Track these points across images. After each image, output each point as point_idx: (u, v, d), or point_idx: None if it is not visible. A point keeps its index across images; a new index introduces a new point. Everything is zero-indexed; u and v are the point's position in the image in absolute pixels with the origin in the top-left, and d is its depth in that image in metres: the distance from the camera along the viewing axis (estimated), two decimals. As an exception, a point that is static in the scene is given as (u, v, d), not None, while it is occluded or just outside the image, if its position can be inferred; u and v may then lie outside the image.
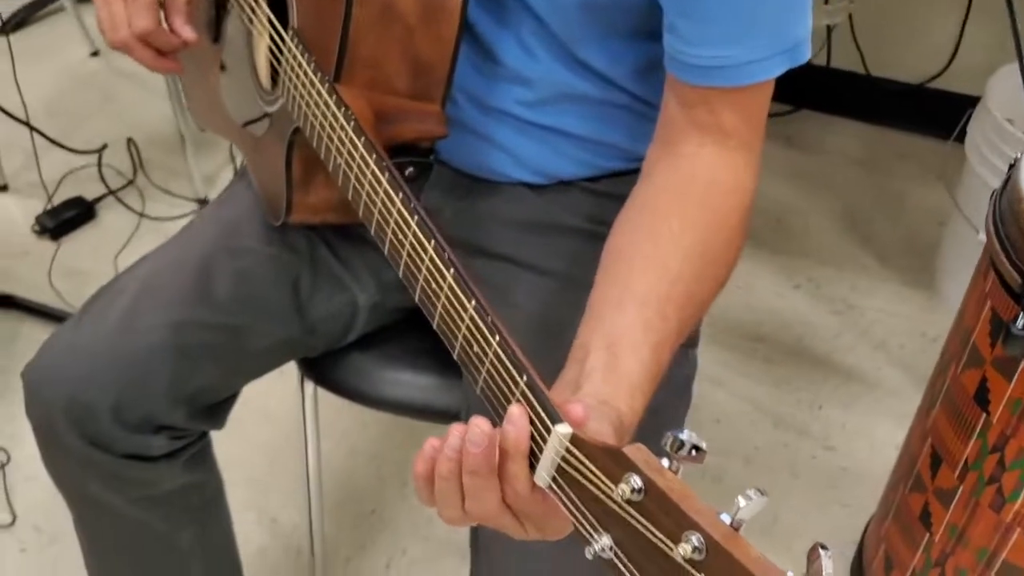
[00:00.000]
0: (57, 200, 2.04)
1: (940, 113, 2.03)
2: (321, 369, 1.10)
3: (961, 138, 1.80)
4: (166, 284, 0.95)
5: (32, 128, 2.01)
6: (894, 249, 1.99)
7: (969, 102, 1.79)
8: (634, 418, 0.63)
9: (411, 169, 0.84)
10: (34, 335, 1.77)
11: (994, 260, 1.00)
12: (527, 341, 0.61)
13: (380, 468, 1.59)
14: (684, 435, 0.50)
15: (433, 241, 0.64)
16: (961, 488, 1.11)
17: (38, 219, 2.00)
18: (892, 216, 2.07)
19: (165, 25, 0.88)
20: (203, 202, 2.07)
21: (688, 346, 0.96)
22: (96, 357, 0.91)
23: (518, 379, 0.57)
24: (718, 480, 1.56)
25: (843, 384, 1.72)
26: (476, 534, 0.90)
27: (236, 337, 0.95)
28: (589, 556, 0.51)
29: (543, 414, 0.55)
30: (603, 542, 0.50)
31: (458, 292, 0.62)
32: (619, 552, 0.50)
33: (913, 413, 1.27)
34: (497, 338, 0.58)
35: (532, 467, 0.56)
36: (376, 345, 1.06)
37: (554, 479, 0.54)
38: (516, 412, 0.56)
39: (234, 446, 1.59)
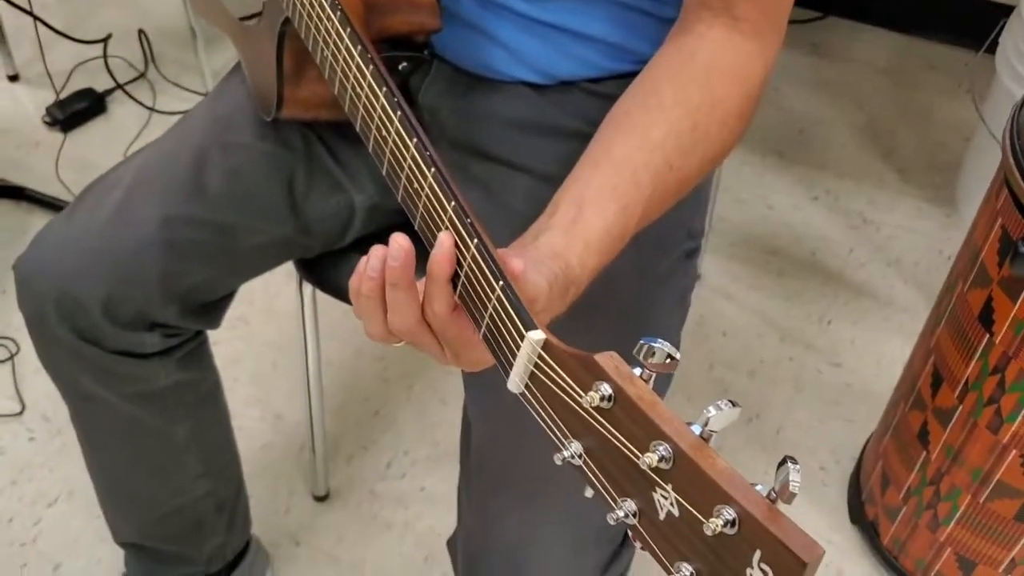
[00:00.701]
0: (68, 91, 2.02)
1: (972, 22, 1.96)
2: (319, 271, 1.10)
3: (992, 49, 1.73)
4: (158, 177, 0.93)
5: (36, 18, 1.98)
6: (916, 164, 1.94)
7: (1003, 11, 1.72)
8: (583, 274, 0.64)
9: (405, 64, 0.82)
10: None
11: (1007, 177, 0.97)
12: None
13: (385, 369, 1.60)
14: (657, 343, 0.49)
15: (415, 139, 0.62)
16: (960, 408, 1.10)
17: (48, 110, 1.98)
18: (916, 129, 2.01)
19: None
20: (214, 97, 2.04)
21: (688, 256, 0.94)
22: (87, 251, 0.91)
23: (494, 284, 0.56)
24: (723, 393, 1.56)
25: (854, 300, 1.70)
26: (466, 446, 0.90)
27: (228, 235, 0.94)
28: (558, 462, 0.51)
29: (517, 320, 0.54)
30: (572, 449, 0.50)
31: (438, 192, 0.60)
32: (588, 459, 0.49)
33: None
34: (475, 241, 0.57)
35: (477, 323, 0.59)
36: (369, 243, 1.04)
37: (527, 386, 0.54)
38: (443, 237, 0.58)
39: (240, 343, 1.61)
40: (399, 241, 0.59)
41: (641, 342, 0.49)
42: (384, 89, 0.65)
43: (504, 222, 0.89)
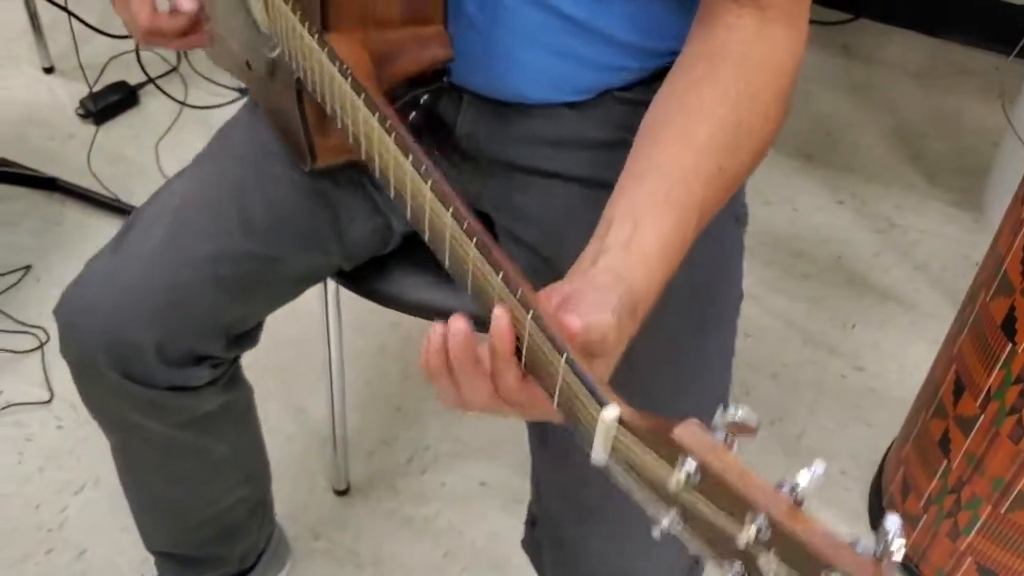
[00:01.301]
0: (101, 84, 2.04)
1: (1004, 26, 1.94)
2: (350, 273, 1.11)
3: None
4: (203, 212, 0.92)
5: (70, 13, 2.00)
6: (944, 168, 1.93)
7: (1036, 16, 1.70)
8: (650, 289, 0.63)
9: (426, 97, 0.81)
10: (76, 219, 1.80)
11: (1034, 186, 0.96)
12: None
13: (407, 366, 1.61)
14: (740, 410, 0.48)
15: (451, 208, 0.61)
16: (982, 417, 1.09)
17: (82, 102, 2.01)
18: (946, 134, 2.00)
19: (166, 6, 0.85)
20: (244, 92, 2.06)
21: (738, 223, 0.93)
22: (136, 292, 0.88)
23: (558, 358, 0.54)
24: (745, 394, 1.56)
25: (879, 304, 1.69)
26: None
27: (274, 265, 0.93)
28: (656, 535, 0.49)
29: (589, 397, 0.53)
30: (668, 520, 0.49)
31: (485, 264, 0.58)
32: (686, 528, 0.48)
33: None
34: (530, 314, 0.55)
35: (520, 358, 0.57)
36: (403, 249, 1.05)
37: (611, 457, 0.53)
38: (498, 313, 0.56)
39: (264, 338, 1.62)
40: (457, 324, 0.58)
41: (720, 408, 0.48)
42: (411, 157, 0.63)
43: (549, 229, 0.88)
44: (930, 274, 1.74)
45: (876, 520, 1.38)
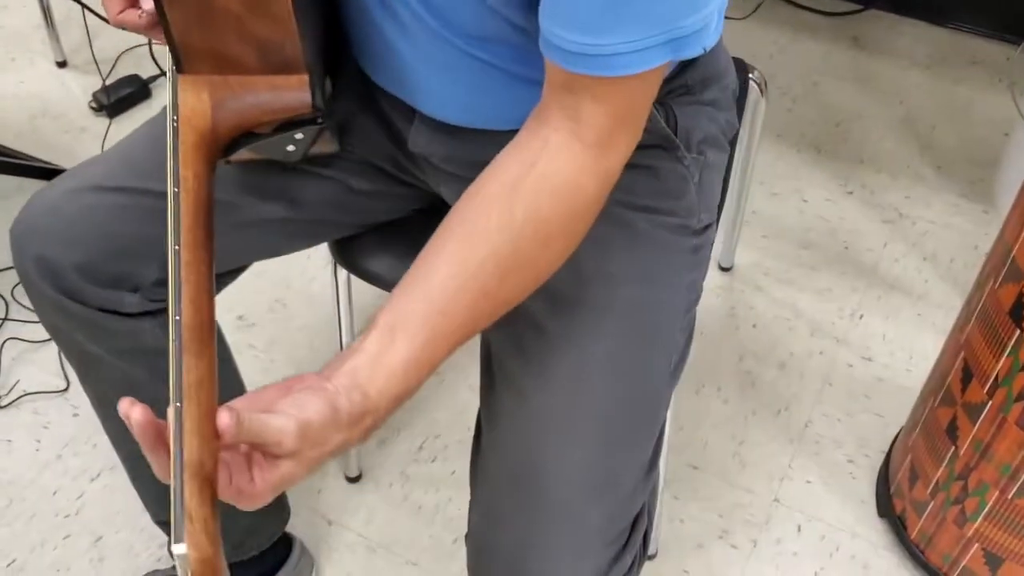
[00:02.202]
0: (114, 78, 2.06)
1: (1014, 16, 1.94)
2: (353, 256, 1.12)
3: (1034, 44, 1.72)
4: (137, 153, 0.96)
5: (84, 5, 2.02)
6: (954, 159, 1.93)
7: (1046, 6, 1.70)
8: (382, 401, 0.68)
9: (300, 135, 0.83)
10: (89, 210, 1.82)
11: (1041, 174, 0.97)
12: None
13: (418, 355, 1.62)
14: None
15: (178, 299, 0.66)
16: (989, 403, 1.10)
17: (95, 95, 2.03)
18: (956, 124, 2.00)
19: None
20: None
21: (694, 252, 0.93)
22: (63, 217, 0.94)
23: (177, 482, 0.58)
24: (751, 385, 1.57)
25: (887, 294, 1.70)
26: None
27: (226, 209, 0.94)
28: None
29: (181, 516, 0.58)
30: None
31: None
32: None
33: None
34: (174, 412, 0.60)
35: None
36: (402, 234, 1.07)
37: None
38: (127, 410, 0.60)
39: (277, 326, 1.64)
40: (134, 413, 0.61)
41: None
42: (173, 235, 0.69)
43: None
44: (939, 265, 1.74)
45: (883, 508, 1.39)
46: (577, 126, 0.72)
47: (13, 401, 1.54)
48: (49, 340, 1.60)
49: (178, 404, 0.60)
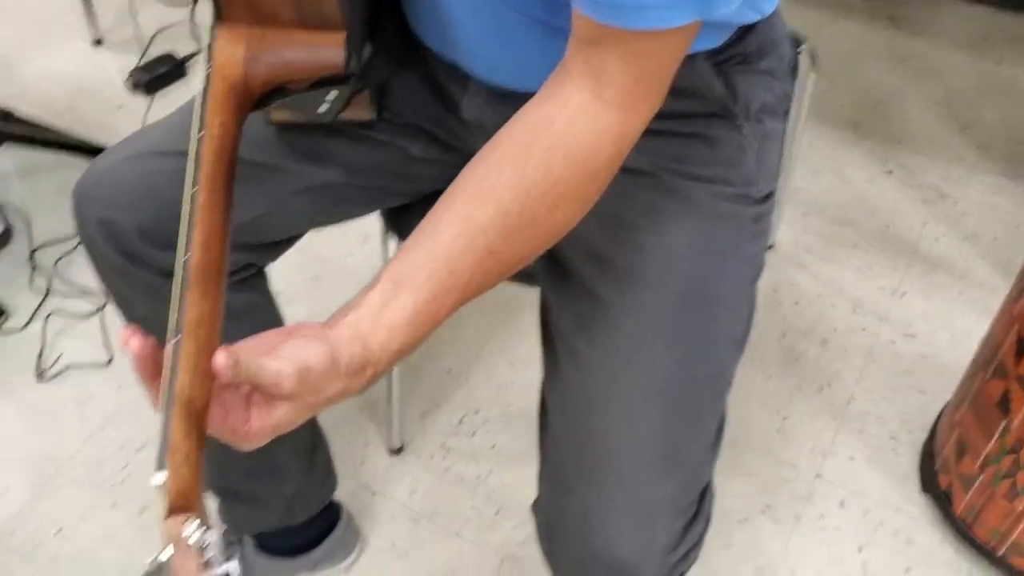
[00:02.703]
0: (149, 57, 2.07)
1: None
2: (403, 227, 1.12)
3: (1079, 21, 1.70)
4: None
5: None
6: (995, 139, 1.91)
7: (1092, -18, 1.69)
8: (384, 355, 0.67)
9: (333, 95, 0.83)
10: (129, 186, 1.83)
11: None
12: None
13: (458, 330, 1.62)
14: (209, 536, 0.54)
15: (191, 235, 0.67)
16: (1044, 375, 1.09)
17: (131, 74, 2.04)
18: (997, 104, 1.98)
19: None
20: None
21: (756, 222, 0.92)
22: (124, 182, 0.95)
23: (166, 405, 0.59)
24: (794, 361, 1.56)
25: (928, 273, 1.69)
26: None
27: (282, 175, 0.96)
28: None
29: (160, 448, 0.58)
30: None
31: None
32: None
33: (999, 306, 1.24)
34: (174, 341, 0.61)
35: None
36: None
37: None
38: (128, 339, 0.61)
39: (314, 302, 1.64)
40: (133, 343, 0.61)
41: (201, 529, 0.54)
42: (194, 175, 0.69)
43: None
44: (980, 245, 1.73)
45: (926, 482, 1.39)
46: (599, 85, 0.70)
47: (57, 374, 1.55)
48: (92, 314, 1.62)
49: (176, 339, 0.60)
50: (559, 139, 0.71)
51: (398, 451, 1.47)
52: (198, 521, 0.53)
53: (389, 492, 1.42)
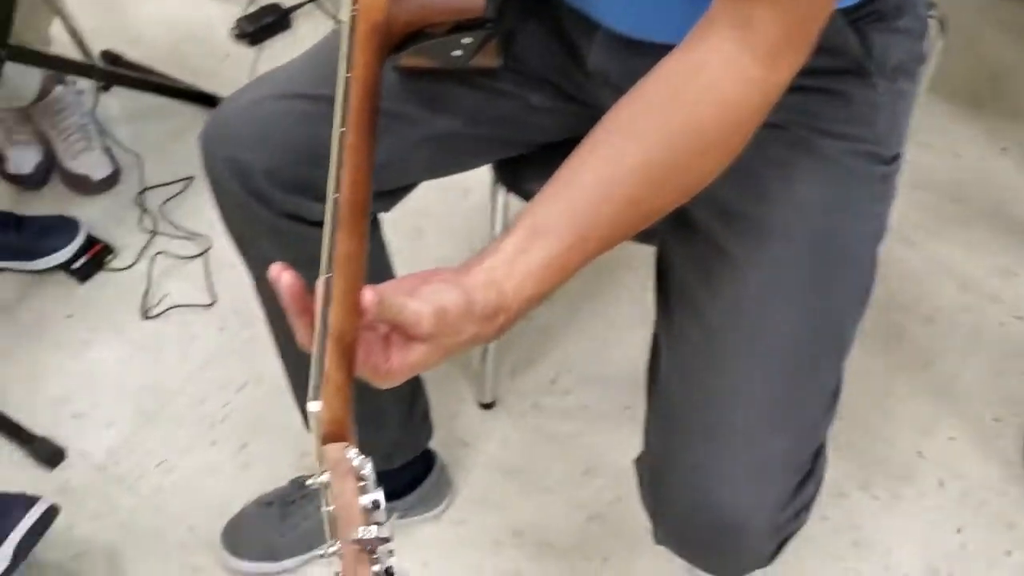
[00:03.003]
0: (255, 6, 2.09)
1: None
2: (516, 179, 1.12)
3: None
4: (329, 64, 0.97)
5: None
6: (1119, 117, 1.83)
7: None
8: (517, 301, 0.68)
9: (468, 40, 0.82)
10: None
11: None
12: None
13: (552, 290, 1.62)
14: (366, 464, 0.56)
15: (340, 174, 0.67)
16: None
17: (237, 23, 2.06)
18: (1123, 82, 1.90)
19: None
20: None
21: (883, 181, 0.90)
22: (253, 122, 0.96)
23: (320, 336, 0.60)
24: (898, 337, 1.53)
25: (1042, 254, 1.63)
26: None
27: (405, 123, 0.96)
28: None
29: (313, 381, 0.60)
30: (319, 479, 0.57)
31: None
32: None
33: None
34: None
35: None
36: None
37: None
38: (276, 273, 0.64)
39: (415, 254, 1.66)
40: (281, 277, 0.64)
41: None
42: (341, 111, 0.69)
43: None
44: (1098, 226, 1.67)
45: (1033, 469, 1.35)
46: (748, 35, 0.69)
47: (162, 312, 1.59)
48: (197, 256, 1.66)
49: (328, 275, 0.62)
50: (707, 88, 0.70)
51: (489, 406, 1.48)
52: (356, 449, 0.55)
53: (480, 445, 1.44)
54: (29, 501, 1.23)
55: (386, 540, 0.52)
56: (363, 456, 0.55)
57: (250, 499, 1.36)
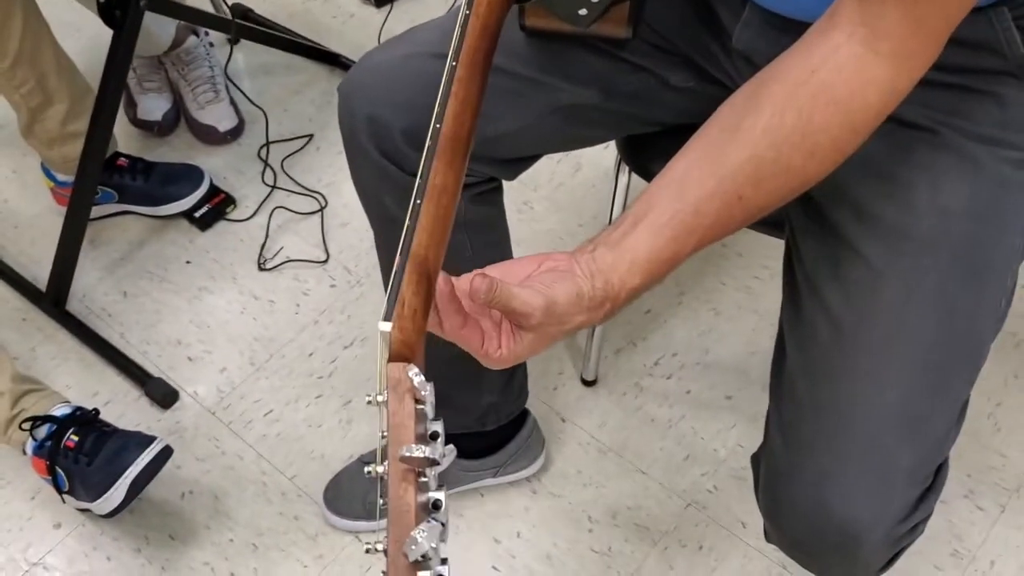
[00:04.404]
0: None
1: None
2: (641, 158, 1.11)
3: None
4: None
5: None
6: None
7: None
8: (622, 292, 0.69)
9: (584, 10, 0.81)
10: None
11: None
12: None
13: (660, 271, 1.61)
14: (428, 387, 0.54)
15: (440, 122, 0.66)
16: None
17: (364, -17, 2.08)
18: None
19: None
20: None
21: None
22: (396, 80, 0.97)
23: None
24: (1015, 347, 1.48)
25: None
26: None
27: (539, 91, 0.96)
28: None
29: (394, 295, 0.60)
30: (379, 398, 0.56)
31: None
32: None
33: None
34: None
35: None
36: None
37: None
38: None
39: (523, 226, 1.66)
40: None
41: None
42: (452, 57, 0.68)
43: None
44: None
45: None
46: (873, 32, 0.67)
47: (277, 266, 1.63)
48: (314, 213, 1.69)
49: (418, 201, 0.62)
50: (824, 87, 0.69)
51: (591, 383, 1.48)
52: (418, 370, 0.55)
53: (579, 421, 1.44)
54: (145, 440, 1.29)
55: (435, 463, 0.51)
56: (424, 378, 0.54)
57: (350, 455, 1.39)
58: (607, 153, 1.50)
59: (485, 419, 1.28)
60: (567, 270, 0.68)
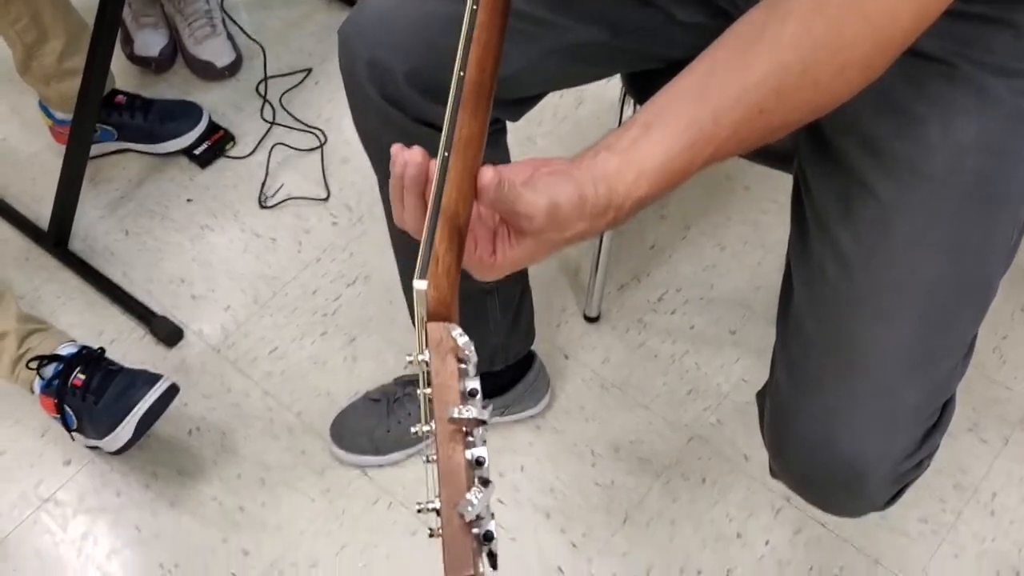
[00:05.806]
0: None
1: None
2: (647, 94, 1.09)
3: None
4: None
5: None
6: None
7: None
8: (627, 200, 0.65)
9: None
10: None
11: None
12: None
13: (663, 207, 1.60)
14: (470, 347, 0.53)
15: (467, 50, 0.65)
16: None
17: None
18: None
19: None
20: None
21: None
22: (398, 22, 0.94)
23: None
24: (1021, 279, 1.47)
25: None
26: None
27: (546, 30, 0.94)
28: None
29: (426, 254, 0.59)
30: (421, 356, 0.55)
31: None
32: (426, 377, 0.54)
33: None
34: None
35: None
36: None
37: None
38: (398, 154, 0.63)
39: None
40: (413, 156, 0.63)
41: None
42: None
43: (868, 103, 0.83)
44: None
45: None
46: None
47: (278, 203, 1.62)
48: (313, 150, 1.67)
49: (446, 154, 0.61)
50: (855, 0, 0.66)
51: (594, 319, 1.48)
52: (461, 329, 0.54)
53: (582, 358, 1.44)
54: (152, 378, 1.29)
55: (483, 422, 0.51)
56: (466, 337, 0.54)
57: (355, 391, 1.40)
58: (610, 86, 1.47)
59: (493, 360, 1.28)
60: (569, 175, 0.65)
